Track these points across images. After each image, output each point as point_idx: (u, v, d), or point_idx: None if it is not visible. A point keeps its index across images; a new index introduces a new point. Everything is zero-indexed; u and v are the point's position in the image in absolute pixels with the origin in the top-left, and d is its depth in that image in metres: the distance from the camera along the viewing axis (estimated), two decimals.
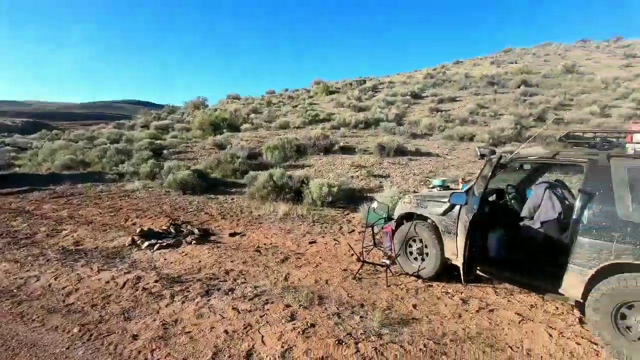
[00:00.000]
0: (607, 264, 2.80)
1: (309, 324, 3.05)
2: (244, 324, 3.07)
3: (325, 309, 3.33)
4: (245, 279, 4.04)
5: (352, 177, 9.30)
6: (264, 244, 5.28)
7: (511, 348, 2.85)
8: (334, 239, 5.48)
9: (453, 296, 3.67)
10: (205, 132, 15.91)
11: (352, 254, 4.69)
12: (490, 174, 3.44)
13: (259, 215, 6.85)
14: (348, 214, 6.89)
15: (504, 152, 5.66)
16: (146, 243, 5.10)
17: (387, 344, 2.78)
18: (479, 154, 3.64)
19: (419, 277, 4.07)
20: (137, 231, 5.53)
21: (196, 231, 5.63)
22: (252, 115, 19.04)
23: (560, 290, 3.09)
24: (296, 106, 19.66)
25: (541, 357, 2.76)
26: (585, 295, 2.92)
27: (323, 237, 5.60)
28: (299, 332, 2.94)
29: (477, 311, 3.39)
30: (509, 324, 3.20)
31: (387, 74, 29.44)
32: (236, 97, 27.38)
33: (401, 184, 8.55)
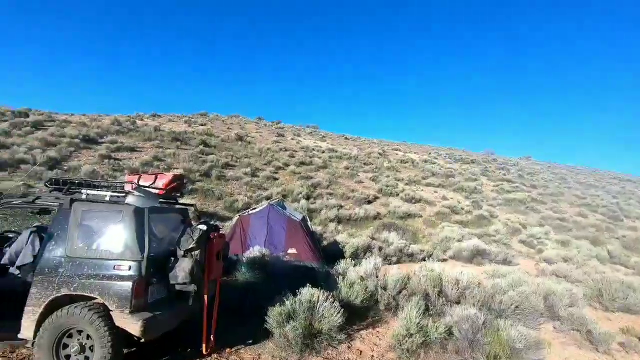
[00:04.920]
0: (51, 298, 3.06)
1: None
2: None
3: None
4: None
5: None
6: None
7: None
8: None
9: None
10: None
11: None
12: None
13: None
14: None
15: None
16: None
17: None
18: None
19: None
20: None
21: None
22: None
23: (20, 335, 3.09)
24: None
25: None
26: (36, 334, 3.03)
27: None
28: None
29: None
30: None
31: (68, 112, 25.43)
32: None
33: None
